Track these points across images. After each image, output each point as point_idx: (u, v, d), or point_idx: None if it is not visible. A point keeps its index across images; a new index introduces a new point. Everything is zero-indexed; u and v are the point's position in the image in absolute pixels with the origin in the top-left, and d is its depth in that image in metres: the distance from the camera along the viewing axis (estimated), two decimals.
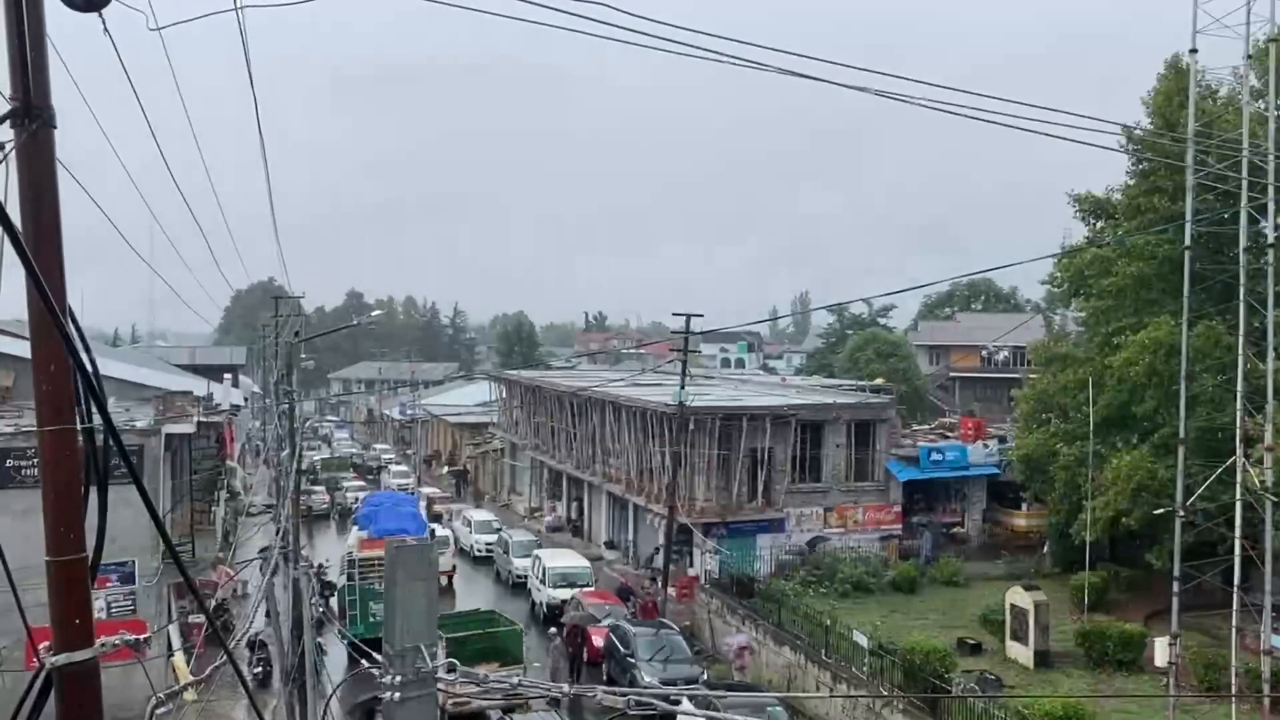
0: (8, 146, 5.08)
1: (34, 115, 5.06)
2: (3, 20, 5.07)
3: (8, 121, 5.07)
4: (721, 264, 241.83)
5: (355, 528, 40.53)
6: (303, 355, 49.15)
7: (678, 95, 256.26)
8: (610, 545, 47.16)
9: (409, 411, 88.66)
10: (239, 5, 6.75)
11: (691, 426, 38.32)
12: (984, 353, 77.28)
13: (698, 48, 7.58)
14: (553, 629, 31.10)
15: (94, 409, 4.84)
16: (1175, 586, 24.86)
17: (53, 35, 5.56)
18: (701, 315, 36.59)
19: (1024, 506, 44.49)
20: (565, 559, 39.37)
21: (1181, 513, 24.79)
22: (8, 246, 4.46)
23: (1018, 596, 30.05)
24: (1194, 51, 24.85)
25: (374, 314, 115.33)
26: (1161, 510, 28.09)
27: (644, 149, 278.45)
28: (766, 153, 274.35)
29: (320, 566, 37.85)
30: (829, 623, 29.17)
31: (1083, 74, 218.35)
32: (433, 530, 43.25)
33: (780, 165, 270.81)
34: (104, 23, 6.36)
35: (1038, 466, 38.15)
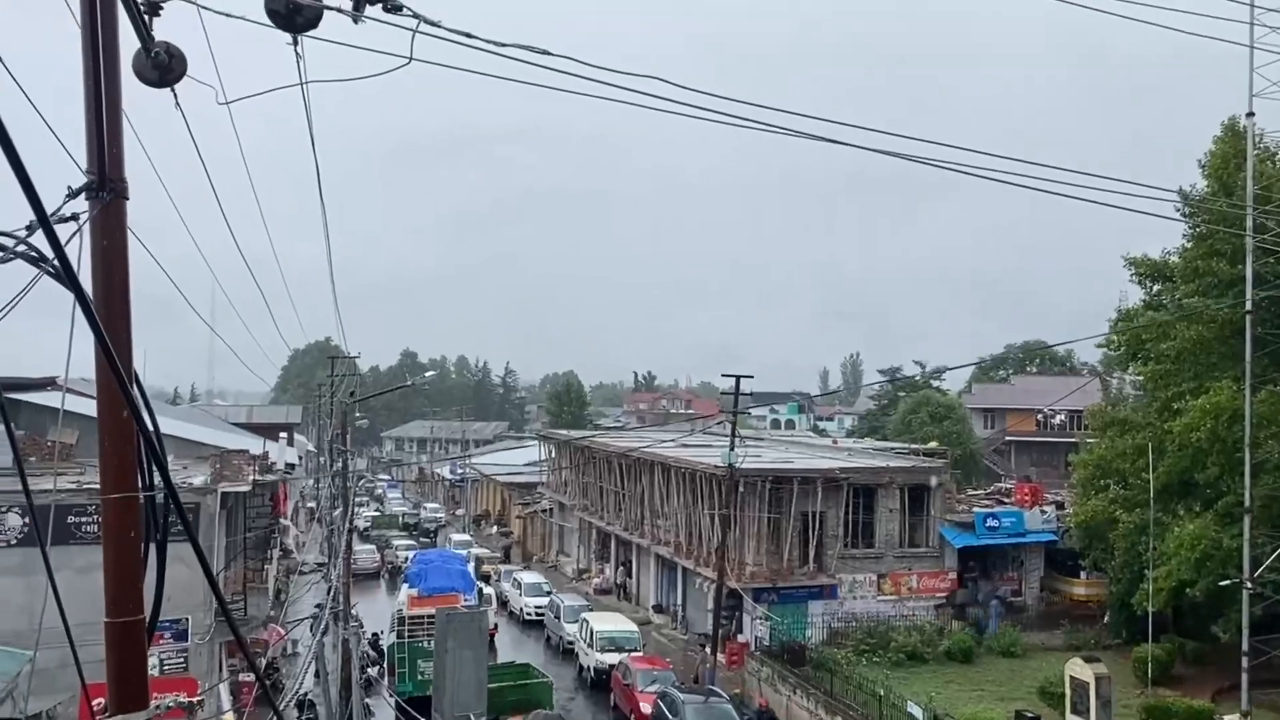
0: (82, 217, 5.30)
1: (109, 188, 5.27)
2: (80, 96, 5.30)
3: (83, 193, 5.29)
4: (771, 323, 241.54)
5: (405, 585, 40.71)
6: (357, 414, 49.77)
7: (728, 153, 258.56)
8: (659, 609, 46.69)
9: (459, 471, 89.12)
10: (304, 80, 7.00)
11: (741, 489, 38.02)
12: (1040, 416, 75.98)
13: (742, 119, 7.70)
14: None
15: (154, 474, 4.95)
16: (1244, 661, 24.04)
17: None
18: (751, 376, 36.42)
19: (1083, 575, 43.37)
20: (613, 622, 39.00)
21: (1249, 584, 24.05)
22: (78, 312, 4.61)
23: (1078, 669, 29.14)
24: (1251, 115, 24.65)
25: (427, 374, 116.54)
26: (1228, 581, 27.26)
27: (694, 209, 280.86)
28: (817, 211, 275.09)
29: (375, 636, 38.18)
30: (882, 693, 28.52)
31: (1133, 132, 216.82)
32: (480, 589, 43.24)
33: (830, 223, 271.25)
34: (176, 97, 6.64)
35: (1097, 534, 37.23)
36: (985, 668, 35.63)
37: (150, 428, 4.84)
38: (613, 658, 35.38)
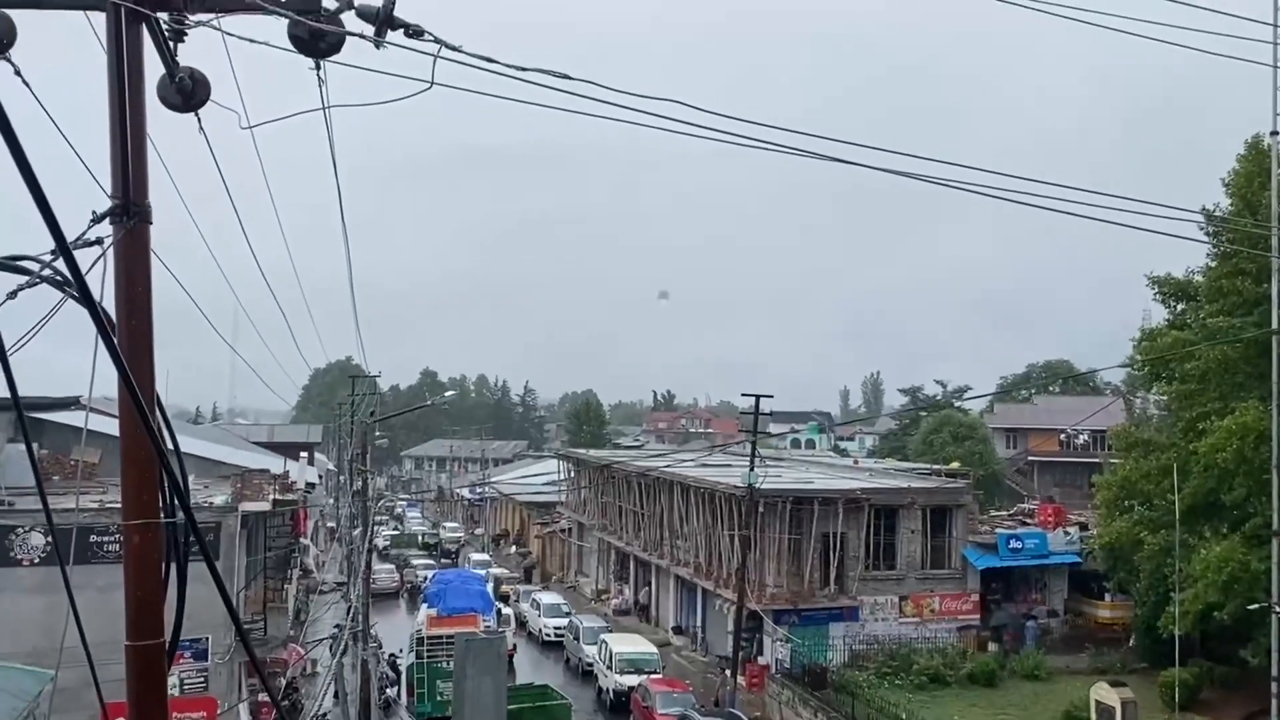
0: (106, 242, 5.34)
1: (132, 212, 5.32)
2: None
3: (108, 218, 5.33)
4: (791, 342, 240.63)
5: (425, 605, 40.73)
6: (377, 433, 49.90)
7: (746, 170, 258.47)
8: (678, 630, 46.45)
9: (478, 490, 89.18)
10: (326, 105, 7.05)
11: (761, 509, 37.83)
12: (1063, 436, 75.39)
13: (756, 139, 7.70)
14: None
15: (177, 503, 4.96)
16: (1274, 686, 23.66)
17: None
18: (771, 396, 36.29)
19: (1108, 597, 42.89)
20: (632, 644, 38.81)
21: (1277, 608, 23.71)
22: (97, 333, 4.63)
23: (1103, 693, 28.81)
24: (1275, 134, 24.49)
25: (447, 394, 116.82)
26: (1256, 605, 26.88)
27: (713, 227, 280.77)
28: (836, 228, 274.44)
29: (393, 656, 38.28)
30: (904, 716, 28.27)
31: (1154, 149, 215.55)
32: (499, 609, 43.17)
33: (850, 241, 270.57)
34: (200, 122, 6.70)
35: (1121, 555, 36.84)
36: (1009, 691, 35.24)
37: (170, 456, 4.86)
38: (632, 679, 35.21)
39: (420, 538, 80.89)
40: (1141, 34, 10.75)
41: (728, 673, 35.21)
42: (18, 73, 5.56)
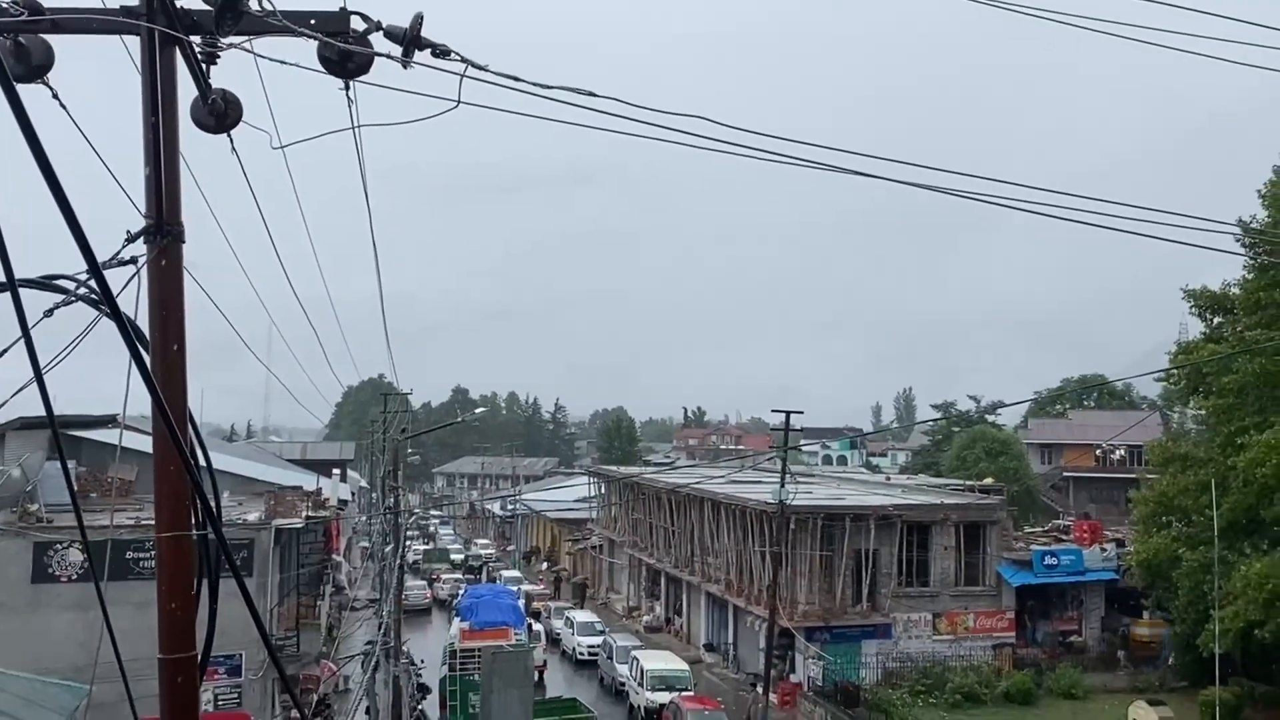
0: (140, 260, 5.43)
1: (165, 232, 5.40)
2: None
3: (142, 237, 5.42)
4: (823, 359, 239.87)
5: (457, 619, 40.80)
6: (409, 450, 50.19)
7: (780, 190, 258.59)
8: (710, 648, 46.20)
9: (509, 507, 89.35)
10: (356, 124, 7.13)
11: (793, 526, 37.60)
12: (1098, 452, 74.44)
13: (791, 158, 7.68)
14: None
15: (208, 520, 5.00)
16: None
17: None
18: (801, 412, 36.10)
19: (1146, 614, 42.25)
20: (664, 661, 38.61)
21: None
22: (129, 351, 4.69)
23: (1142, 712, 28.39)
24: None
25: (478, 411, 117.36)
26: None
27: (746, 244, 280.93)
28: (871, 248, 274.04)
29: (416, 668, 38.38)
30: None
31: (1190, 163, 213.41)
32: (529, 624, 43.14)
33: (884, 260, 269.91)
34: (232, 142, 6.79)
35: (1159, 572, 36.27)
36: (1045, 710, 34.82)
37: (201, 471, 4.92)
38: (664, 697, 35.03)
39: (466, 559, 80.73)
40: (1183, 48, 10.59)
41: (759, 690, 34.96)
42: (55, 96, 5.67)
